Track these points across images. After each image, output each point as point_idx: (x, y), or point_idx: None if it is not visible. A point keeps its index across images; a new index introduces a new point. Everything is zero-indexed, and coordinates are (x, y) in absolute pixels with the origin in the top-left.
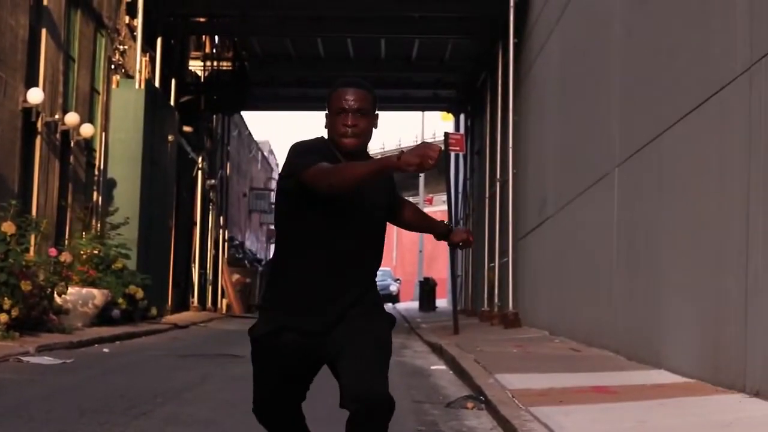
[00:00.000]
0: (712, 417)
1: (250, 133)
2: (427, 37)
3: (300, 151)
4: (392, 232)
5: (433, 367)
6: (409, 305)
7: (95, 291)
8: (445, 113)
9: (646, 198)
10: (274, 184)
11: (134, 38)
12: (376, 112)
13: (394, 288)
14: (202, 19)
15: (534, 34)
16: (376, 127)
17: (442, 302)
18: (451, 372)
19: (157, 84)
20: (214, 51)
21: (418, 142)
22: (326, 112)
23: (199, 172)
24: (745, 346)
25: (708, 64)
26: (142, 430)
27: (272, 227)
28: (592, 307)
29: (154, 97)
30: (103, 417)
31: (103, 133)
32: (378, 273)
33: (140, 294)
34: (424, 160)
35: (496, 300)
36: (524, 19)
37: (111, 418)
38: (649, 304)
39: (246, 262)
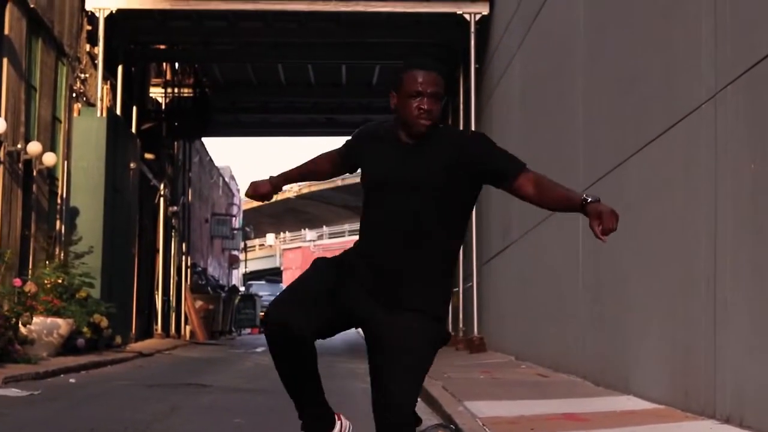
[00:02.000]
0: None
1: (211, 159)
2: (387, 63)
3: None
4: None
5: None
6: None
7: (60, 320)
8: None
9: None
10: (235, 210)
11: (95, 66)
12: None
13: None
14: (162, 47)
15: (495, 60)
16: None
17: None
18: (419, 399)
19: (118, 111)
20: (175, 78)
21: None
22: (394, 93)
23: (161, 199)
24: (714, 372)
25: (673, 91)
26: None
27: (234, 253)
28: (558, 332)
29: (115, 125)
30: None
31: (66, 162)
32: None
33: (105, 323)
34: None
35: (461, 324)
36: (485, 45)
37: None
38: (616, 330)
39: (209, 288)
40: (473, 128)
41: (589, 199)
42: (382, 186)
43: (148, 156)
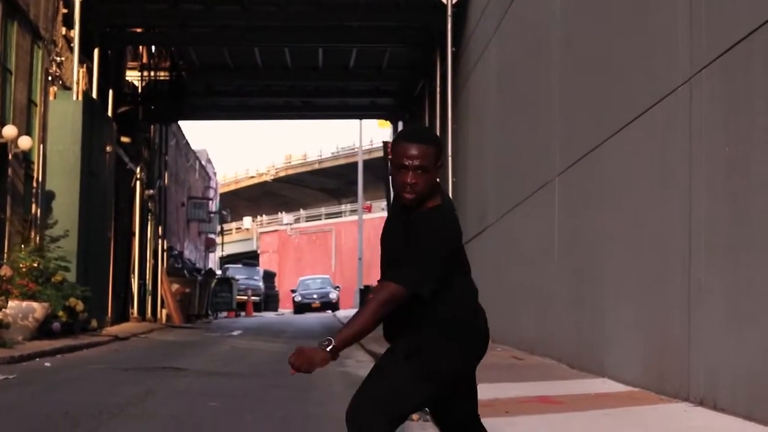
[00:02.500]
0: (657, 427)
1: (187, 142)
2: (364, 46)
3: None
4: (331, 236)
5: None
6: (348, 312)
7: (35, 304)
8: (382, 121)
9: (588, 207)
10: (212, 193)
11: (71, 50)
12: (439, 163)
13: (333, 295)
14: (138, 30)
15: (472, 43)
16: (438, 178)
17: None
18: None
19: (94, 95)
20: (151, 61)
21: (355, 149)
22: (390, 157)
23: (138, 183)
24: (689, 355)
25: (648, 74)
26: None
27: (211, 236)
28: (534, 315)
29: (91, 108)
30: None
31: (41, 145)
32: (317, 281)
33: (80, 306)
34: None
35: None
36: (462, 28)
37: None
38: (592, 313)
39: (185, 271)
40: (450, 112)
41: (325, 343)
42: (382, 255)
43: (124, 139)
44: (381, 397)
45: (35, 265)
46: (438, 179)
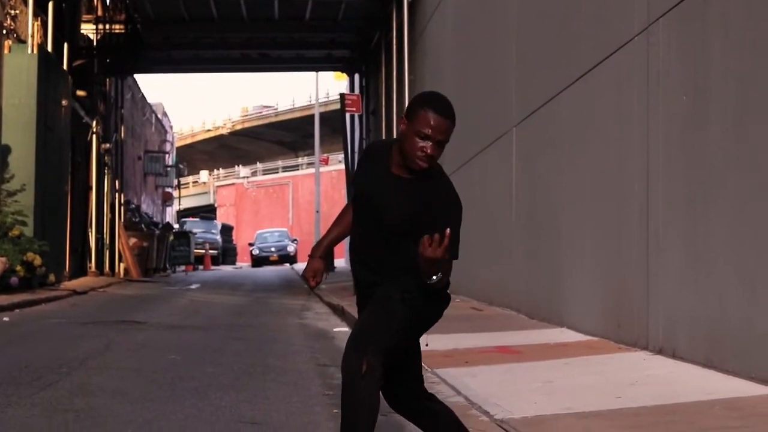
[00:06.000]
0: (617, 375)
1: (143, 96)
2: None
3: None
4: (288, 189)
5: (335, 330)
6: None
7: None
8: (338, 73)
9: (545, 157)
10: (168, 147)
11: (25, 2)
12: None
13: (291, 249)
14: None
15: None
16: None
17: (341, 262)
18: None
19: (49, 48)
20: (106, 14)
21: (312, 102)
22: (405, 119)
23: (94, 137)
24: (647, 304)
25: (605, 24)
26: (49, 401)
27: (168, 190)
28: (492, 266)
29: (47, 62)
30: (9, 389)
31: None
32: (275, 234)
33: (38, 261)
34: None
35: None
36: None
37: (17, 390)
38: (550, 263)
39: (143, 225)
40: (406, 63)
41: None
42: (361, 206)
43: (80, 93)
44: (380, 334)
45: None
46: None
